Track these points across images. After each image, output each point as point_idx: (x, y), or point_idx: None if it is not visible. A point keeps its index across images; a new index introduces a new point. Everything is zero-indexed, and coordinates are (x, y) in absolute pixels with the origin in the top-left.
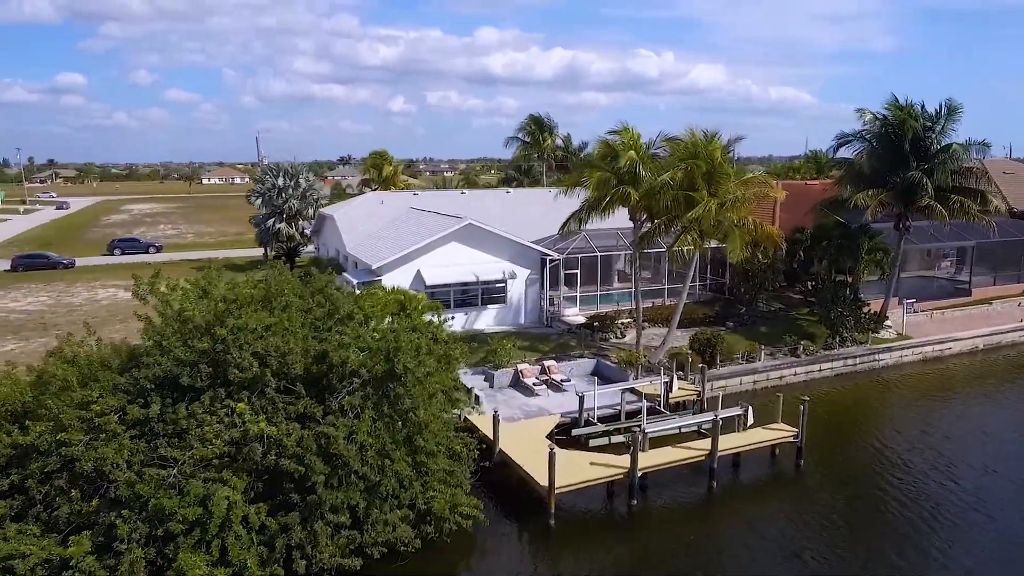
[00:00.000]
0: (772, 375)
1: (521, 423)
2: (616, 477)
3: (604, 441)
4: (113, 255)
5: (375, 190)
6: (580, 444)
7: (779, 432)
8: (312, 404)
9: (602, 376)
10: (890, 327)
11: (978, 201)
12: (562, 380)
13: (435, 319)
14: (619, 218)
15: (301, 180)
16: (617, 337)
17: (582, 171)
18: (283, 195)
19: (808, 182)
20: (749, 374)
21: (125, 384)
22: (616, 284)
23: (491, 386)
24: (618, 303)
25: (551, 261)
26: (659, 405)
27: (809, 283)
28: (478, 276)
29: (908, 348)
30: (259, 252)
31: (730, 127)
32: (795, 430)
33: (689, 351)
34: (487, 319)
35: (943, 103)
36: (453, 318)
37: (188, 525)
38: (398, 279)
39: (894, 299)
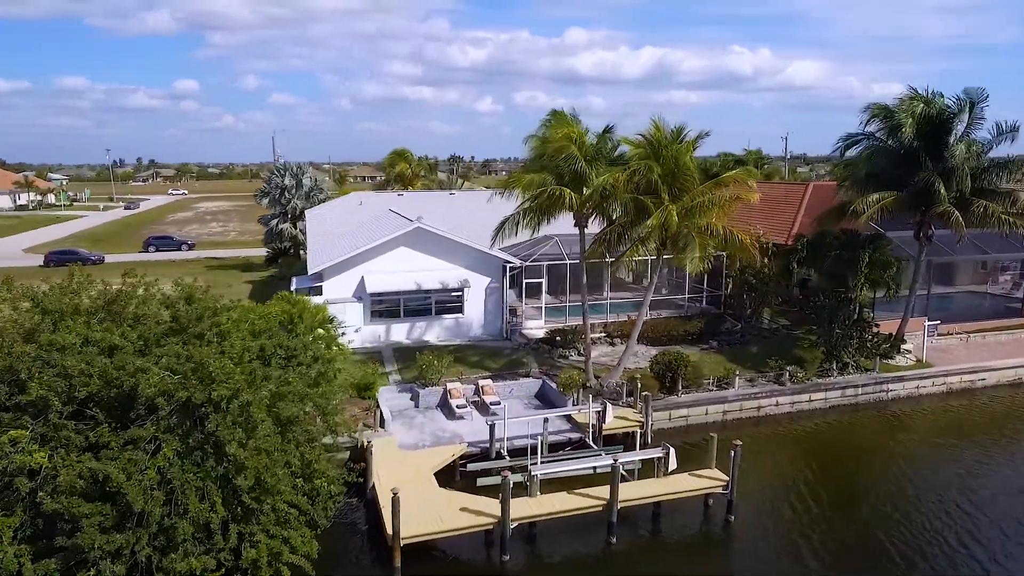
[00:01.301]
0: (747, 405)
1: (416, 452)
2: (488, 527)
3: (495, 480)
4: (148, 252)
5: (396, 191)
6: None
7: (707, 480)
8: (108, 432)
9: (547, 400)
10: (909, 352)
11: (1008, 204)
12: (493, 403)
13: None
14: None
15: (305, 180)
16: (580, 355)
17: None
18: (287, 195)
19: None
20: (718, 403)
21: None
22: (608, 294)
23: (416, 406)
24: (607, 315)
25: (512, 268)
26: (590, 437)
27: (808, 299)
28: (420, 284)
29: (927, 378)
30: None
31: (827, 126)
32: (727, 479)
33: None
34: (439, 331)
35: (962, 94)
36: (358, 329)
37: None
38: (341, 285)
39: (919, 318)
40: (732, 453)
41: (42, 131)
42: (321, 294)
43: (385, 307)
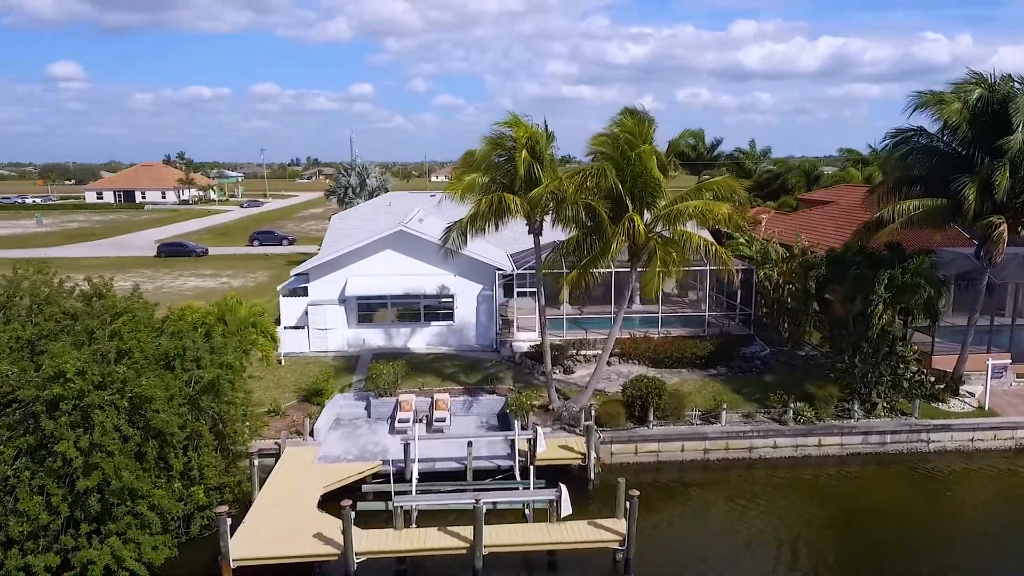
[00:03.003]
0: (736, 444)
1: (324, 466)
2: (332, 558)
3: (378, 506)
4: (252, 246)
5: None
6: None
7: (604, 531)
8: None
9: (506, 421)
10: (972, 396)
11: None
12: (438, 419)
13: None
14: None
15: (370, 180)
16: (565, 372)
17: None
18: (351, 193)
19: None
20: (696, 439)
21: None
22: (637, 306)
23: (368, 416)
24: (630, 328)
25: (503, 276)
26: (517, 467)
27: (834, 325)
28: (403, 289)
29: (987, 429)
30: None
31: None
32: (623, 534)
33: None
34: (427, 338)
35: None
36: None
37: None
38: (327, 287)
39: (991, 354)
40: (627, 504)
41: (240, 133)
42: (307, 295)
43: (372, 312)
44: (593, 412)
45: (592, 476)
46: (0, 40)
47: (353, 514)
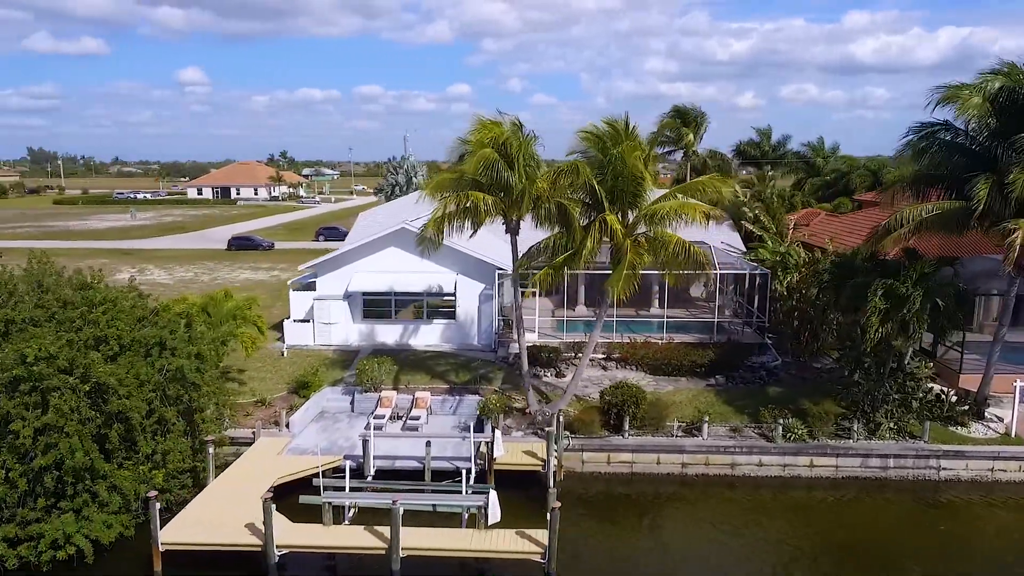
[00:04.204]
0: (717, 460)
1: (288, 458)
2: (255, 549)
3: (315, 500)
4: (317, 241)
5: None
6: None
7: (527, 542)
8: None
9: (484, 423)
10: (999, 421)
11: None
12: (412, 417)
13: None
14: None
15: (416, 179)
16: (557, 376)
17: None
18: (398, 191)
19: None
20: (673, 452)
21: None
22: (656, 310)
23: (352, 410)
24: (614, 334)
25: (501, 275)
26: (473, 470)
27: (840, 337)
28: (404, 286)
29: (1009, 459)
30: None
31: None
32: (545, 546)
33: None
34: (430, 336)
35: None
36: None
37: None
38: (334, 282)
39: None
40: (549, 515)
41: (343, 133)
42: (315, 290)
43: (376, 308)
44: (561, 418)
45: (551, 484)
46: (136, 49)
47: (274, 507)
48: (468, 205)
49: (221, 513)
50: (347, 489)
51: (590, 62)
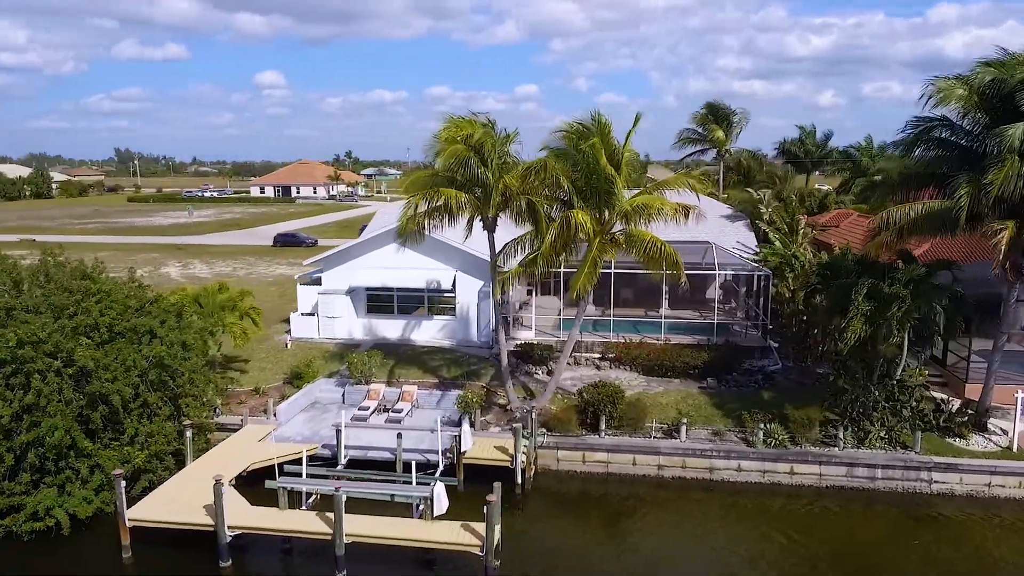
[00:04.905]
0: (694, 463)
1: (267, 444)
2: (209, 529)
3: (273, 485)
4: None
5: None
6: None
7: (468, 535)
8: None
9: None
10: (1004, 434)
11: None
12: (395, 410)
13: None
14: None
15: None
16: (548, 373)
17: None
18: None
19: None
20: (649, 453)
21: None
22: (665, 310)
23: (343, 401)
24: (611, 333)
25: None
26: (441, 463)
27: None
28: (399, 281)
29: (1008, 474)
30: None
31: None
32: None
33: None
34: (431, 332)
35: None
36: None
37: None
38: (339, 277)
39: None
40: (485, 508)
41: (413, 133)
42: (321, 284)
43: (379, 303)
44: (535, 415)
45: (519, 480)
46: (217, 54)
47: (224, 489)
48: (440, 203)
49: (189, 493)
50: (303, 475)
51: (660, 60)
